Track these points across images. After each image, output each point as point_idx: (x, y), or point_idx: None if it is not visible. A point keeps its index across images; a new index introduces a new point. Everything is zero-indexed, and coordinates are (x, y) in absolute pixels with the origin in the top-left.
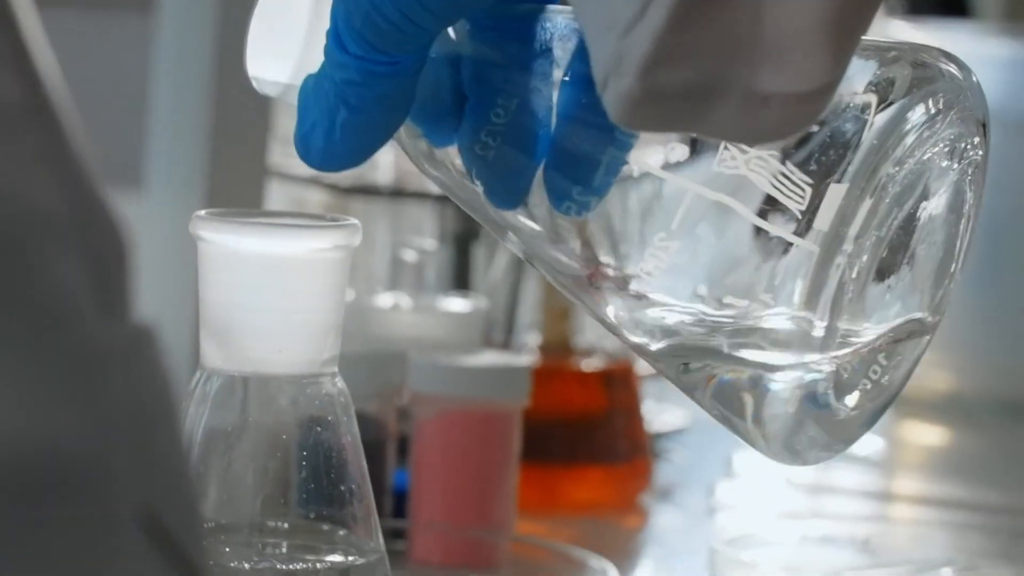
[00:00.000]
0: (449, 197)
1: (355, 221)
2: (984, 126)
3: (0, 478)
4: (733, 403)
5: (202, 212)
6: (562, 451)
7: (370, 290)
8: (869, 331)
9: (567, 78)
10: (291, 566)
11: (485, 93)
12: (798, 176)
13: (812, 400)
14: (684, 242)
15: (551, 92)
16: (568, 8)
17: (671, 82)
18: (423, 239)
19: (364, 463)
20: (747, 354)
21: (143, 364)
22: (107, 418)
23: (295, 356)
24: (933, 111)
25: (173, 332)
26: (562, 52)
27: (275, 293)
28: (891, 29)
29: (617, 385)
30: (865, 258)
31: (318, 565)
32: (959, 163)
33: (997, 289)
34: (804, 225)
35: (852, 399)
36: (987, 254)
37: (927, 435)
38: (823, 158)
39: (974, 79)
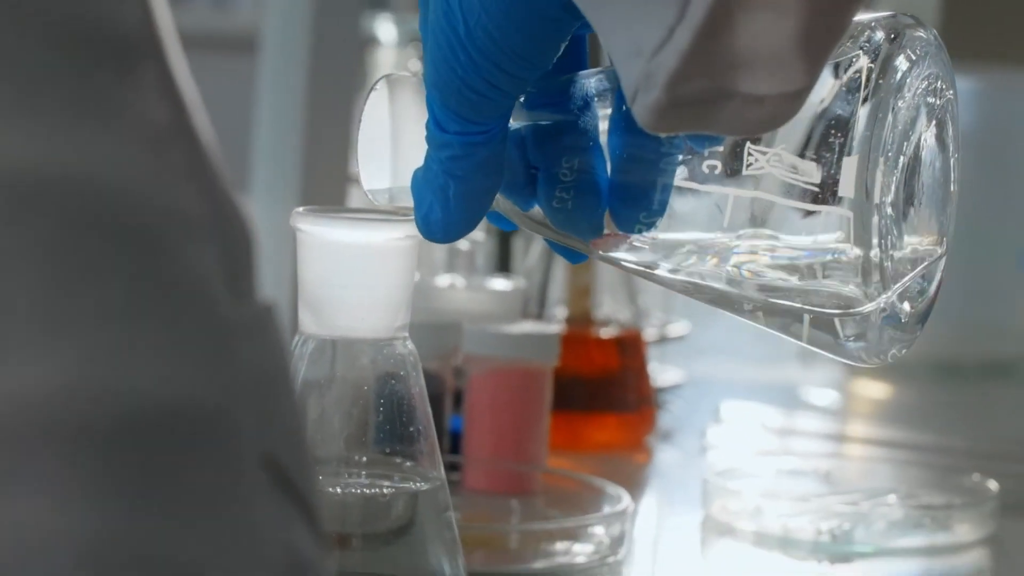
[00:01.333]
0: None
1: None
2: (950, 69)
3: (147, 425)
4: (825, 333)
5: (300, 209)
6: (584, 402)
7: (432, 272)
8: (909, 258)
9: (611, 127)
10: (370, 491)
11: (550, 160)
12: (810, 157)
13: (886, 316)
14: (740, 234)
15: (601, 142)
16: (593, 70)
17: (690, 92)
18: (473, 232)
19: (429, 409)
20: (830, 300)
21: (265, 336)
22: (235, 379)
23: (374, 323)
24: (914, 58)
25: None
26: (601, 107)
27: (358, 273)
28: None
29: (628, 349)
30: (891, 196)
31: (386, 490)
32: (939, 100)
33: None
34: (832, 195)
35: (907, 305)
36: None
37: (874, 390)
38: (836, 129)
39: (935, 33)
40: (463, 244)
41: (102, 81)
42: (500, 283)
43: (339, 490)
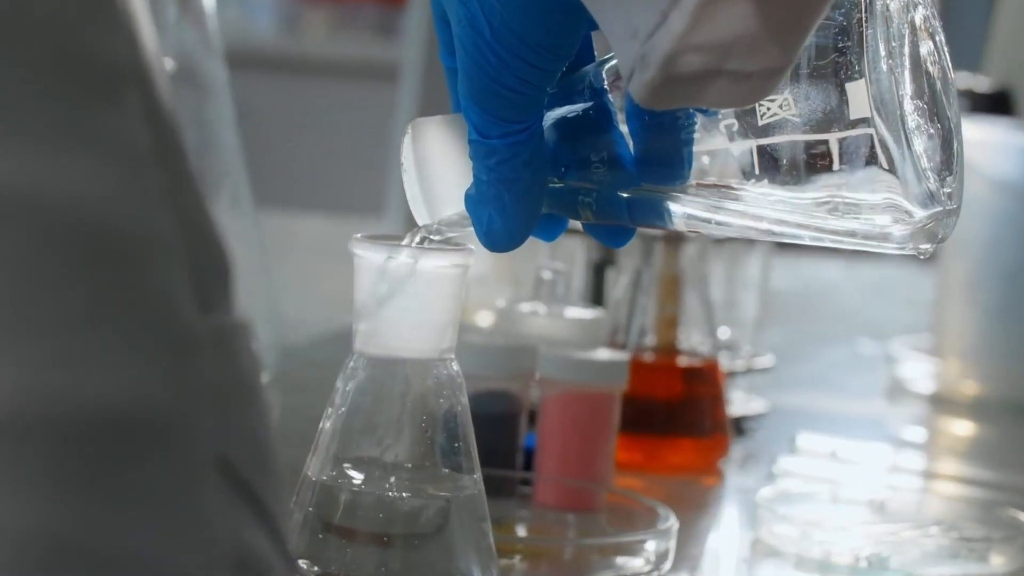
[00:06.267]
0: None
1: (471, 247)
2: None
3: (100, 426)
4: (878, 239)
5: (358, 235)
6: (663, 425)
7: (518, 299)
8: (937, 143)
9: (628, 111)
10: (411, 495)
11: (580, 153)
12: (817, 89)
13: (931, 201)
14: (773, 177)
15: (619, 126)
16: (593, 64)
17: (681, 70)
18: (555, 263)
19: (471, 425)
20: (878, 206)
21: (228, 349)
22: (192, 387)
23: (420, 344)
24: None
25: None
26: (615, 95)
27: (406, 297)
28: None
29: (706, 378)
30: (908, 91)
31: (421, 497)
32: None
33: (1012, 319)
34: (846, 118)
35: (944, 186)
36: (1004, 292)
37: (958, 427)
38: (842, 51)
39: None
40: (546, 274)
41: (87, 107)
42: (578, 311)
43: (387, 494)
